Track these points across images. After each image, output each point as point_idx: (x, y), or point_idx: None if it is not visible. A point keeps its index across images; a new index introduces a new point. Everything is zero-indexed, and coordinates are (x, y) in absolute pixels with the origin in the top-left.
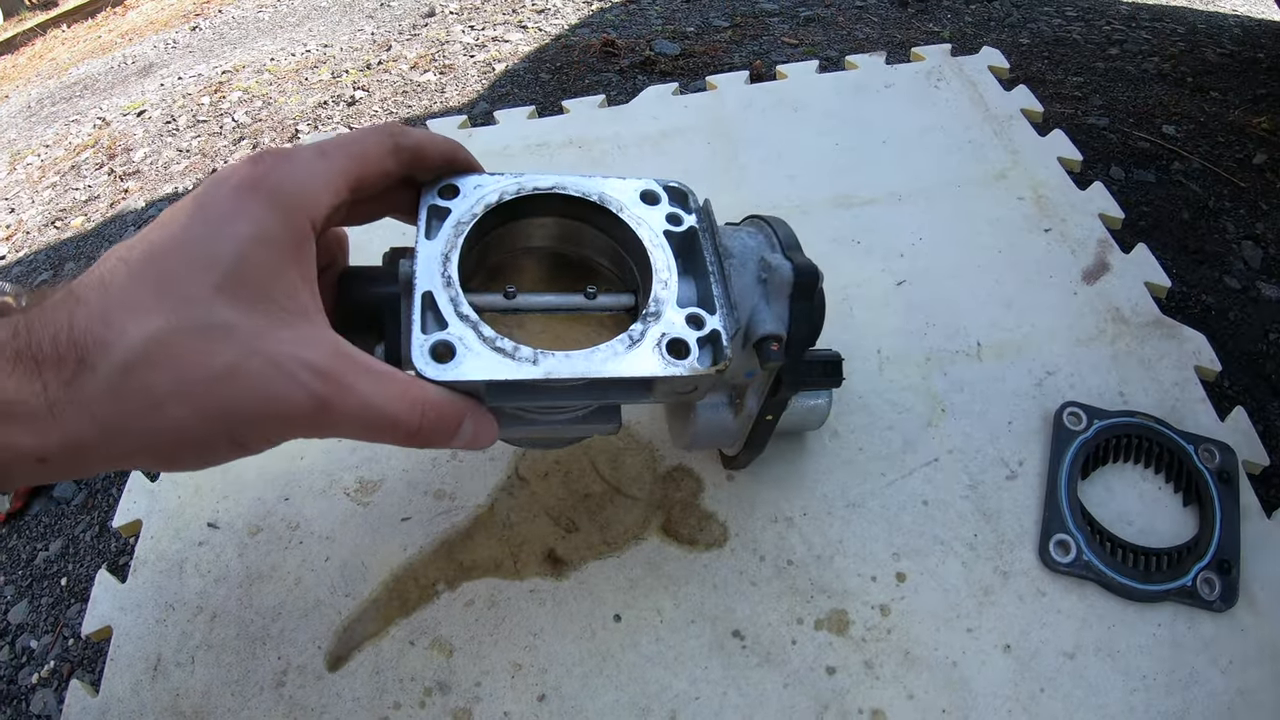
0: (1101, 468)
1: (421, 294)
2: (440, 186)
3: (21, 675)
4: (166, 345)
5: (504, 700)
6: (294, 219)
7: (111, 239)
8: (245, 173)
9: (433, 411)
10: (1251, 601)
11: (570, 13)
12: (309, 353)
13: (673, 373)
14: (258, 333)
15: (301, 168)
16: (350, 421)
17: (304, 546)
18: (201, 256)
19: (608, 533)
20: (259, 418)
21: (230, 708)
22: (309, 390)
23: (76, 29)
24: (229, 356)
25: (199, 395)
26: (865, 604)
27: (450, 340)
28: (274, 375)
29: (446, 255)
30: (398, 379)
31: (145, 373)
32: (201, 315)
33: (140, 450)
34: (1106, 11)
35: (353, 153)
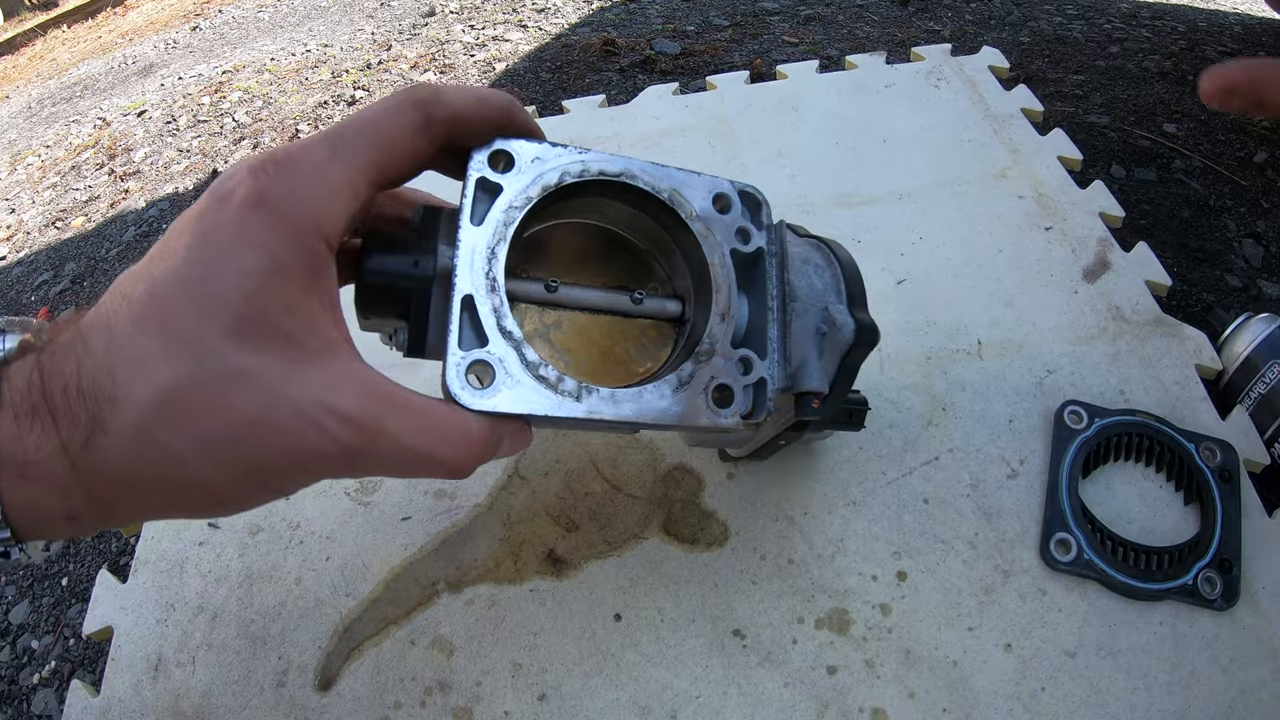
0: (1102, 466)
1: (462, 297)
2: (492, 152)
3: (22, 675)
4: (180, 402)
5: (504, 700)
6: (307, 241)
7: (111, 239)
8: (247, 189)
9: (477, 446)
10: (1253, 600)
11: (570, 12)
12: (336, 398)
13: (716, 423)
14: (279, 379)
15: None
16: (385, 465)
17: (304, 546)
18: (207, 297)
19: (608, 532)
20: (287, 469)
21: (231, 708)
22: (339, 441)
23: (76, 29)
24: (250, 409)
25: (222, 453)
26: (866, 603)
27: (490, 362)
28: (301, 427)
29: (493, 250)
30: (436, 415)
31: (161, 433)
32: (214, 365)
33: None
34: (1107, 10)
35: (373, 143)
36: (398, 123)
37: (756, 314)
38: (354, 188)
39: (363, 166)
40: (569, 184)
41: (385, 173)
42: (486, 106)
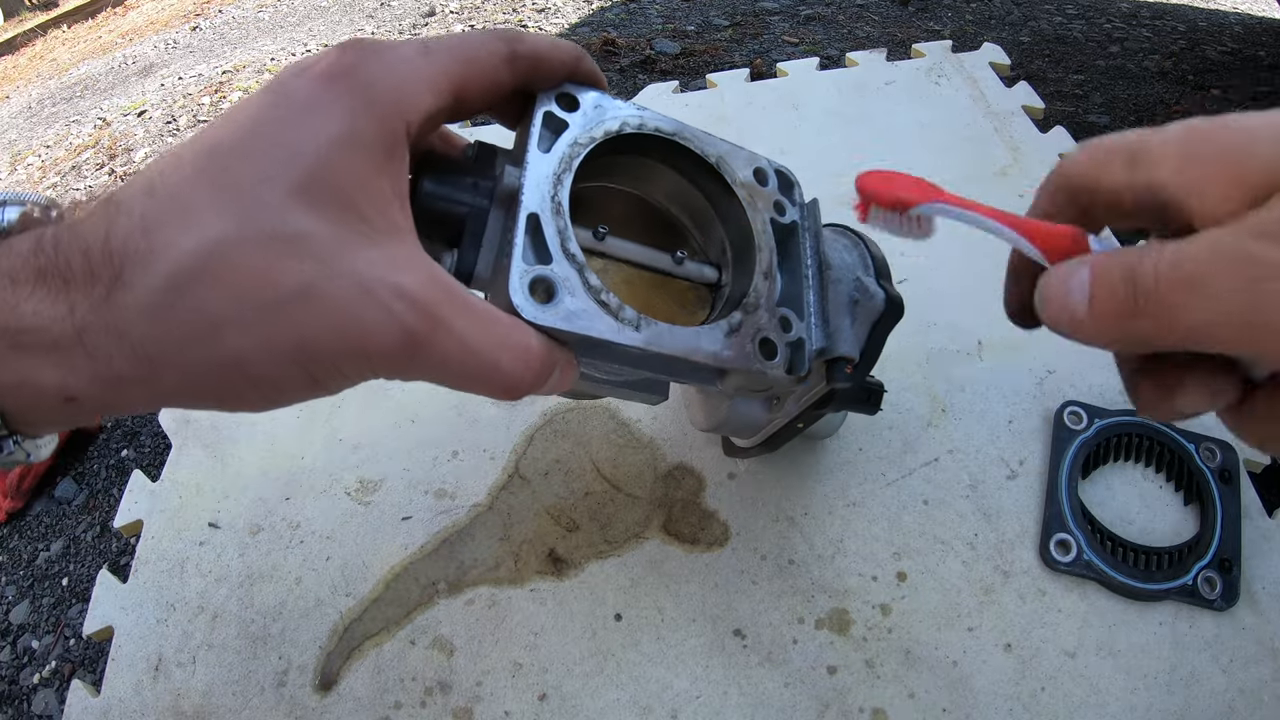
0: (1102, 467)
1: (527, 215)
2: (559, 94)
3: (23, 675)
4: (226, 257)
5: (505, 699)
6: (387, 120)
7: None
8: (332, 60)
9: (536, 363)
10: (1253, 600)
11: (570, 12)
12: (402, 278)
13: (762, 371)
14: (341, 248)
15: (400, 63)
16: (445, 365)
17: (305, 546)
18: (275, 155)
19: (608, 532)
20: (339, 352)
21: (231, 707)
22: (402, 324)
23: (77, 29)
24: (305, 274)
25: (266, 321)
26: (866, 603)
27: (553, 279)
28: (360, 301)
29: (559, 177)
30: (501, 321)
31: (198, 290)
32: (273, 222)
33: (190, 387)
34: (1107, 9)
35: (461, 55)
36: (485, 46)
37: (792, 283)
38: (438, 85)
39: (449, 70)
40: (628, 134)
41: (468, 86)
42: (562, 50)
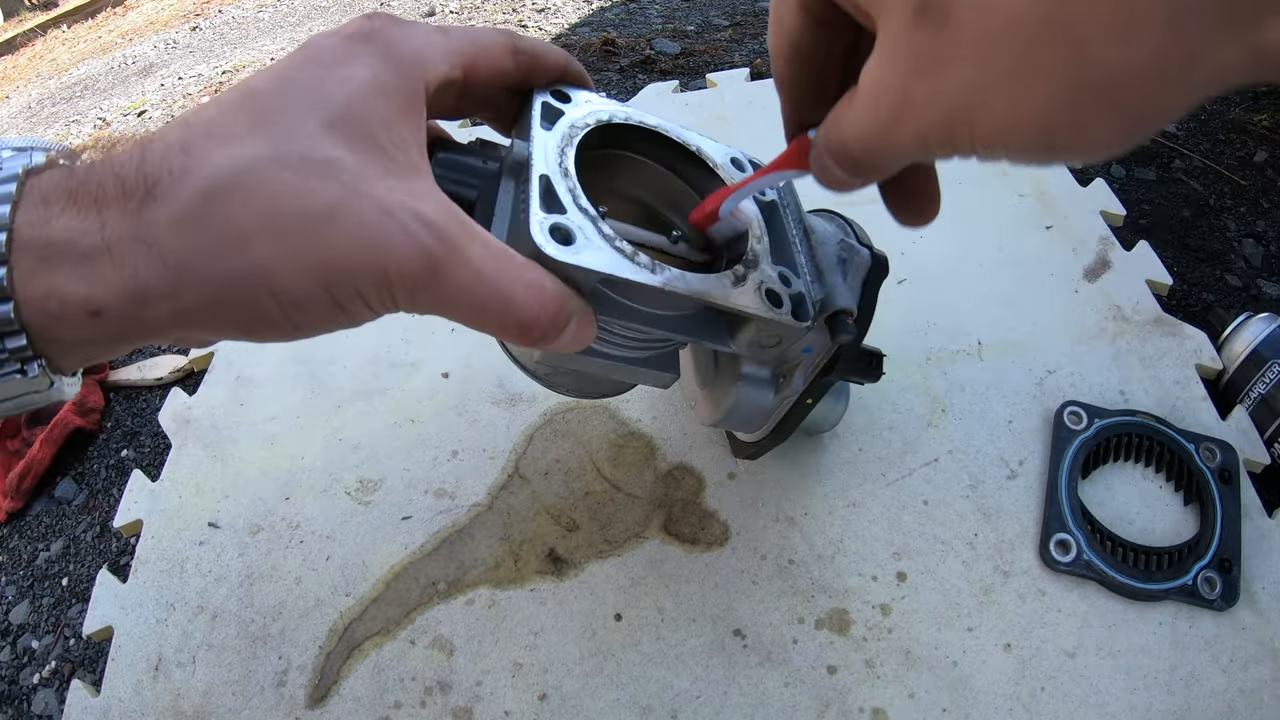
0: (1102, 467)
1: (539, 176)
2: (553, 89)
3: (23, 675)
4: (259, 173)
5: (505, 699)
6: (408, 75)
7: None
8: (358, 25)
9: (551, 304)
10: (1252, 600)
11: (570, 12)
12: (422, 205)
13: (774, 317)
14: (366, 175)
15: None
16: (461, 293)
17: (305, 546)
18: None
19: (609, 531)
20: (361, 270)
21: (231, 707)
22: (420, 244)
23: (76, 29)
24: (332, 194)
25: (293, 233)
26: (866, 603)
27: (570, 226)
28: (383, 221)
29: (563, 149)
30: (515, 258)
31: (229, 202)
32: (305, 147)
33: (215, 303)
34: None
35: (473, 39)
36: (493, 36)
37: (782, 250)
38: (452, 58)
39: (463, 48)
40: (618, 123)
41: (477, 67)
42: (555, 52)
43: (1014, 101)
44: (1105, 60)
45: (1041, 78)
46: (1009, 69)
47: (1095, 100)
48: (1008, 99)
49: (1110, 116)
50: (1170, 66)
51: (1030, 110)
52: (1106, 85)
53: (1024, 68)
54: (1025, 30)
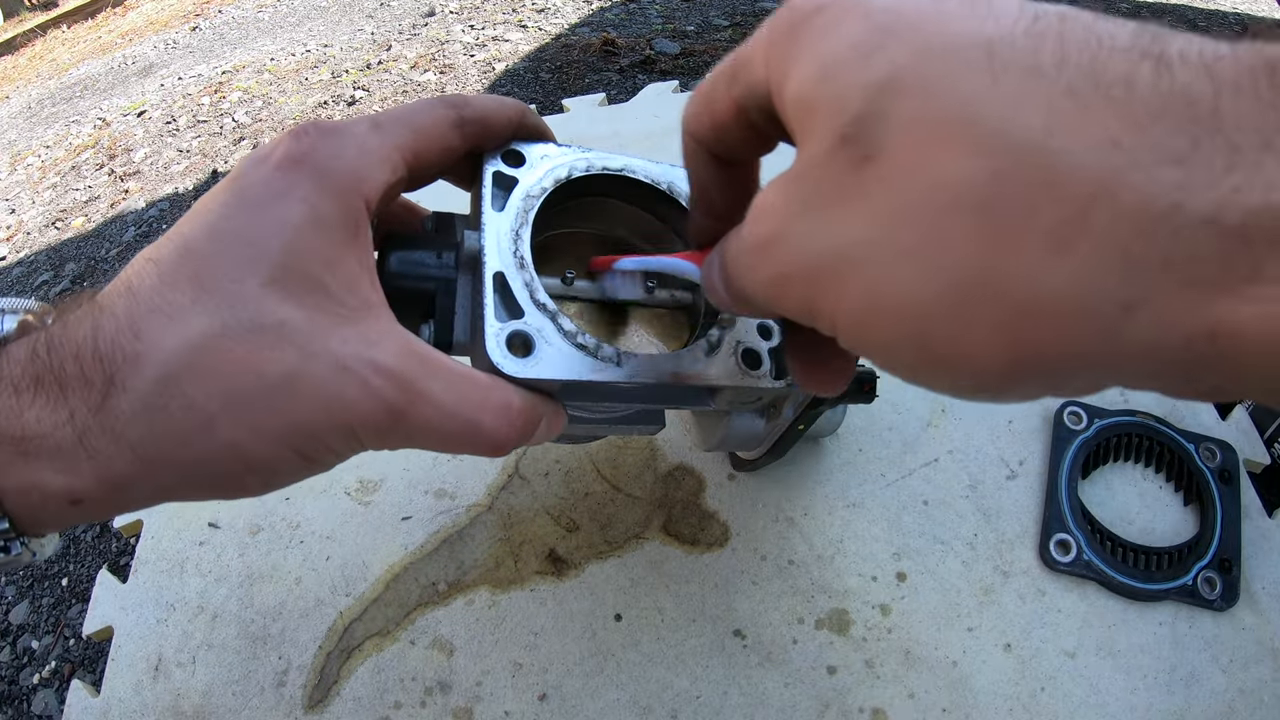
0: (1102, 467)
1: (493, 274)
2: (504, 152)
3: (23, 676)
4: (211, 351)
5: (505, 699)
6: (347, 199)
7: (111, 239)
8: (287, 149)
9: (519, 418)
10: (1252, 600)
11: (570, 12)
12: (377, 353)
13: (751, 384)
14: (318, 331)
15: (352, 142)
16: (427, 431)
17: (304, 546)
18: (245, 247)
19: (609, 532)
20: (326, 430)
21: (231, 707)
22: (380, 397)
23: (76, 29)
24: (287, 361)
25: (255, 408)
26: (866, 603)
27: (528, 332)
28: (341, 380)
29: (517, 232)
30: (479, 382)
31: (187, 386)
32: (251, 314)
33: (190, 480)
34: (1107, 10)
35: (411, 126)
36: (432, 114)
37: None
38: (391, 160)
39: (400, 143)
40: (577, 178)
41: (420, 156)
42: (506, 108)
43: (898, 279)
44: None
45: (942, 262)
46: (911, 240)
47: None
48: (892, 273)
49: (998, 339)
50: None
51: (912, 295)
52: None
53: (928, 244)
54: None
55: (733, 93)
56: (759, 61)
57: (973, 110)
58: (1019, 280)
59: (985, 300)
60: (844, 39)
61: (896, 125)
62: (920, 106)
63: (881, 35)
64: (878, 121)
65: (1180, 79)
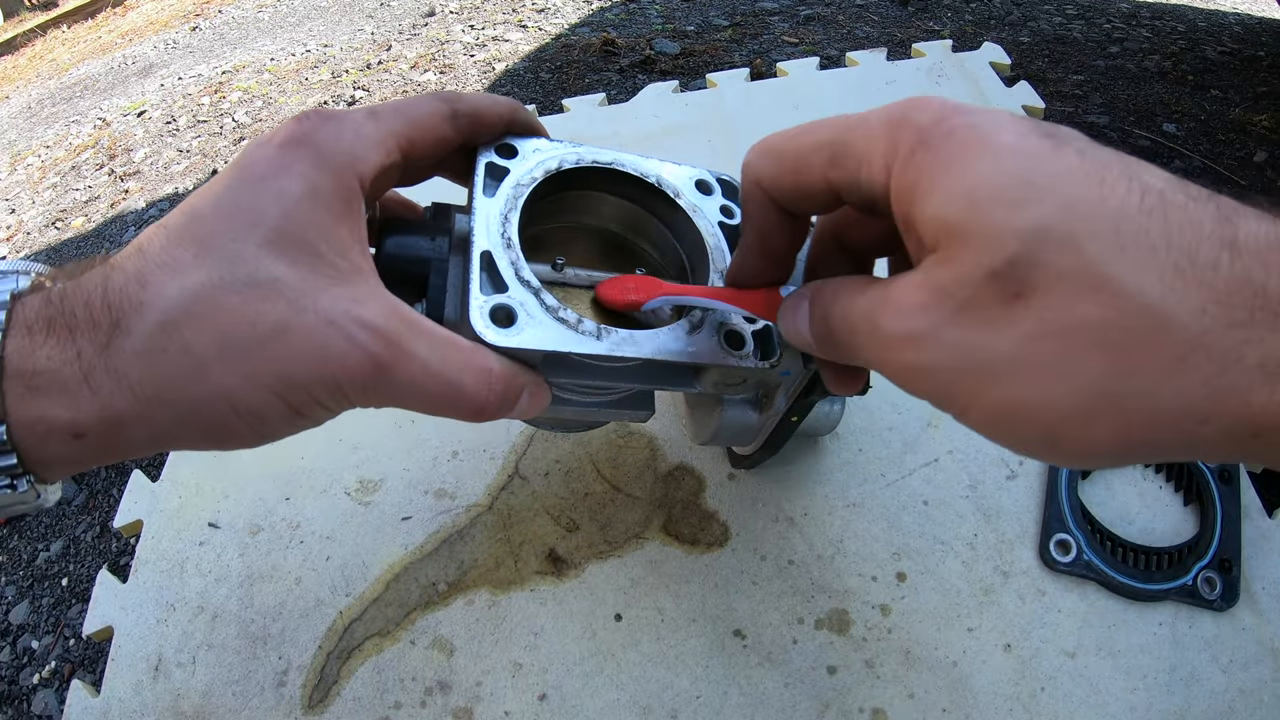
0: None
1: (480, 253)
2: (498, 145)
3: (23, 676)
4: (209, 301)
5: (505, 699)
6: (342, 175)
7: (111, 239)
8: (289, 131)
9: (499, 384)
10: (1252, 600)
11: (570, 12)
12: (364, 310)
13: (733, 363)
14: (309, 288)
15: (349, 126)
16: (411, 388)
17: (305, 546)
18: (246, 214)
19: (608, 532)
20: (313, 380)
21: (231, 707)
22: (366, 350)
23: (76, 30)
24: (278, 313)
25: (246, 355)
26: (866, 603)
27: (511, 305)
28: (328, 333)
29: (506, 215)
30: (461, 346)
31: (185, 331)
32: (248, 270)
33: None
34: (1107, 9)
35: (406, 116)
36: (426, 107)
37: None
38: (386, 144)
39: (395, 131)
40: (567, 169)
41: (414, 144)
42: (499, 105)
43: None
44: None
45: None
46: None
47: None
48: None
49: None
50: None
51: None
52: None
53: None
54: (1090, 333)
55: (833, 175)
56: (878, 164)
57: (1110, 271)
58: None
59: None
60: (988, 178)
61: (1047, 272)
62: (1069, 261)
63: (1025, 188)
64: (1030, 267)
65: (1245, 264)
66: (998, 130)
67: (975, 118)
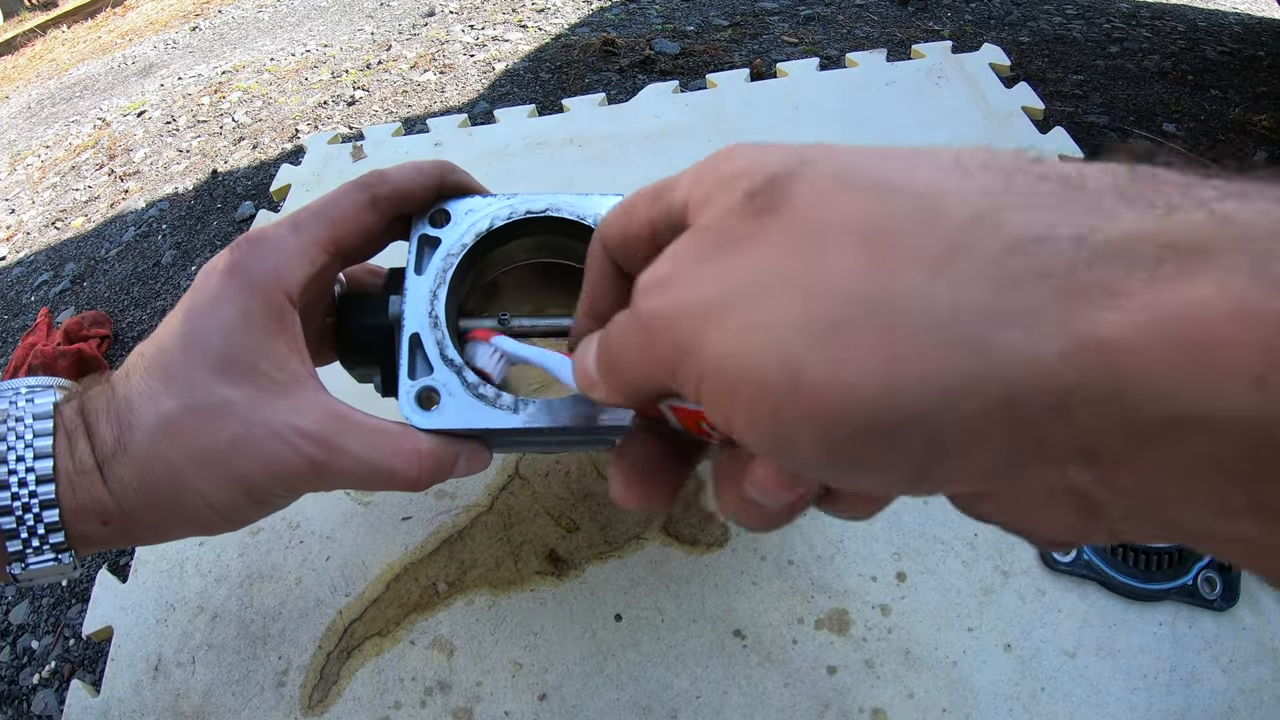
0: None
1: (409, 336)
2: (432, 213)
3: (23, 676)
4: (178, 423)
5: (505, 699)
6: (270, 296)
7: (111, 239)
8: (227, 260)
9: (429, 460)
10: (1253, 600)
11: (570, 12)
12: (300, 419)
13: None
14: (254, 405)
15: (273, 247)
16: (348, 477)
17: (304, 546)
18: (197, 345)
19: (609, 532)
20: (267, 480)
21: (231, 707)
22: (303, 454)
23: (76, 29)
24: (232, 430)
25: (212, 466)
26: (866, 603)
27: (434, 386)
28: (273, 443)
29: (434, 292)
30: (390, 434)
31: (164, 449)
32: (204, 396)
33: (174, 518)
34: (1107, 9)
35: (326, 219)
36: (346, 203)
37: None
38: (310, 254)
39: (317, 238)
40: (498, 227)
41: (339, 243)
42: (424, 175)
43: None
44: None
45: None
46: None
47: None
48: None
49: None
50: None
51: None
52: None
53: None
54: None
55: (651, 212)
56: (683, 186)
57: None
58: (898, 299)
59: (863, 320)
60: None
61: (802, 180)
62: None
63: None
64: (786, 179)
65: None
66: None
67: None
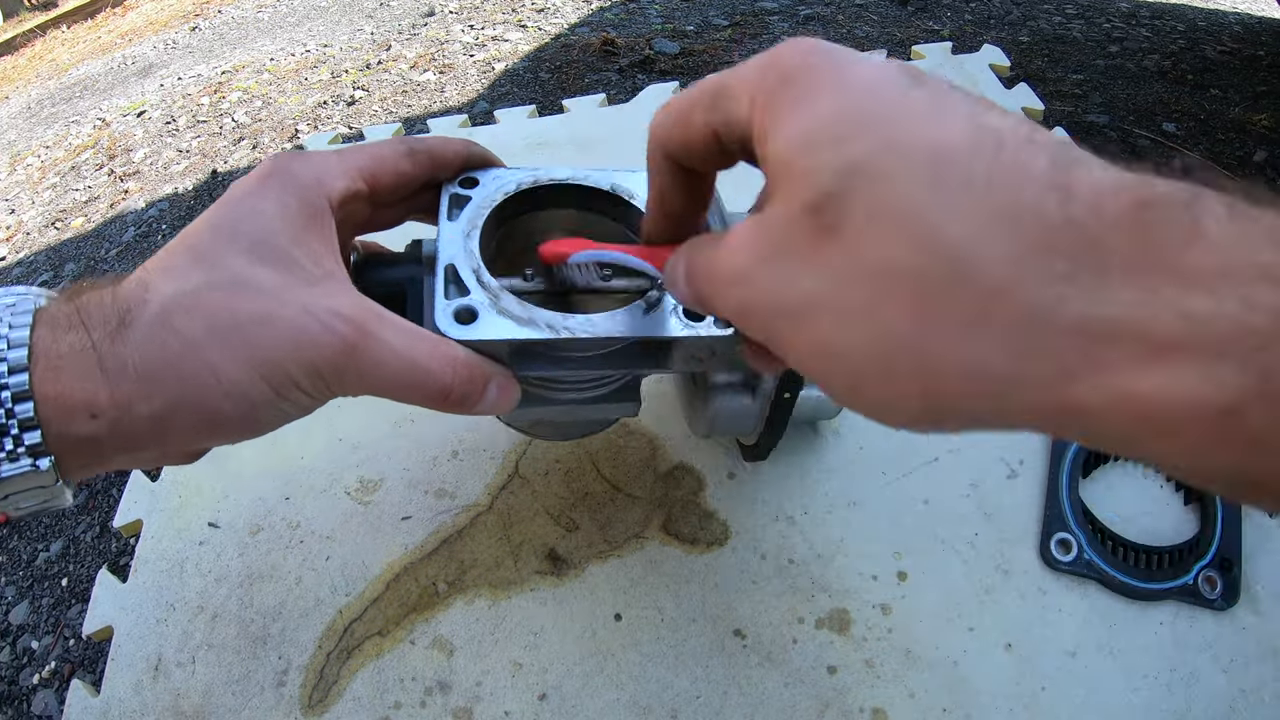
0: (1103, 466)
1: (445, 266)
2: (461, 178)
3: (23, 676)
4: (199, 296)
5: (505, 699)
6: (309, 194)
7: (111, 239)
8: (265, 165)
9: (464, 370)
10: (1253, 600)
11: (570, 12)
12: (336, 302)
13: (689, 334)
14: (287, 286)
15: (317, 158)
16: (380, 369)
17: (305, 546)
18: (229, 230)
19: (608, 532)
20: (291, 361)
21: (231, 707)
22: (338, 333)
23: (76, 30)
24: (258, 308)
25: (231, 337)
26: (866, 603)
27: (472, 305)
28: (304, 319)
29: (468, 233)
30: (426, 336)
31: (178, 319)
32: (231, 274)
33: (180, 403)
34: (1107, 9)
35: (368, 153)
36: (385, 148)
37: None
38: (350, 174)
39: (359, 163)
40: (525, 189)
41: (376, 177)
42: (453, 144)
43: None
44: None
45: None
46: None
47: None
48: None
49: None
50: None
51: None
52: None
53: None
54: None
55: (711, 119)
56: (744, 102)
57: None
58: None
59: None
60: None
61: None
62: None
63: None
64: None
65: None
66: (854, 67)
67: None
